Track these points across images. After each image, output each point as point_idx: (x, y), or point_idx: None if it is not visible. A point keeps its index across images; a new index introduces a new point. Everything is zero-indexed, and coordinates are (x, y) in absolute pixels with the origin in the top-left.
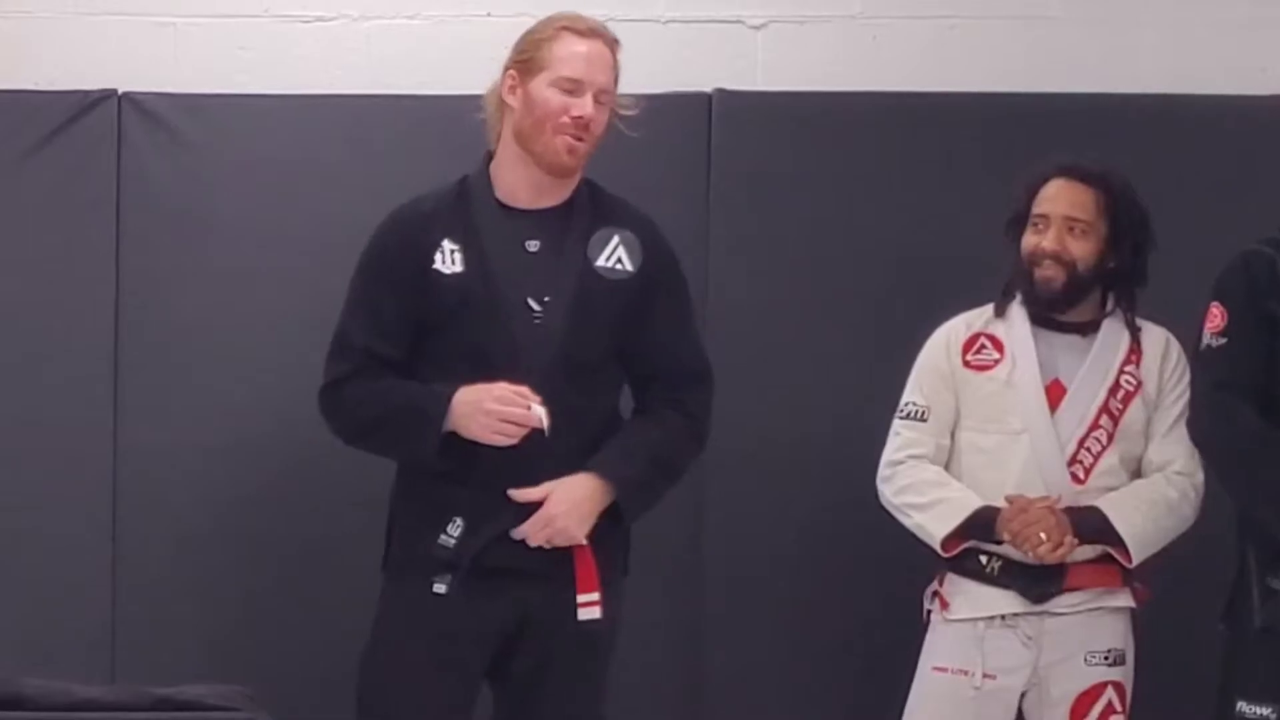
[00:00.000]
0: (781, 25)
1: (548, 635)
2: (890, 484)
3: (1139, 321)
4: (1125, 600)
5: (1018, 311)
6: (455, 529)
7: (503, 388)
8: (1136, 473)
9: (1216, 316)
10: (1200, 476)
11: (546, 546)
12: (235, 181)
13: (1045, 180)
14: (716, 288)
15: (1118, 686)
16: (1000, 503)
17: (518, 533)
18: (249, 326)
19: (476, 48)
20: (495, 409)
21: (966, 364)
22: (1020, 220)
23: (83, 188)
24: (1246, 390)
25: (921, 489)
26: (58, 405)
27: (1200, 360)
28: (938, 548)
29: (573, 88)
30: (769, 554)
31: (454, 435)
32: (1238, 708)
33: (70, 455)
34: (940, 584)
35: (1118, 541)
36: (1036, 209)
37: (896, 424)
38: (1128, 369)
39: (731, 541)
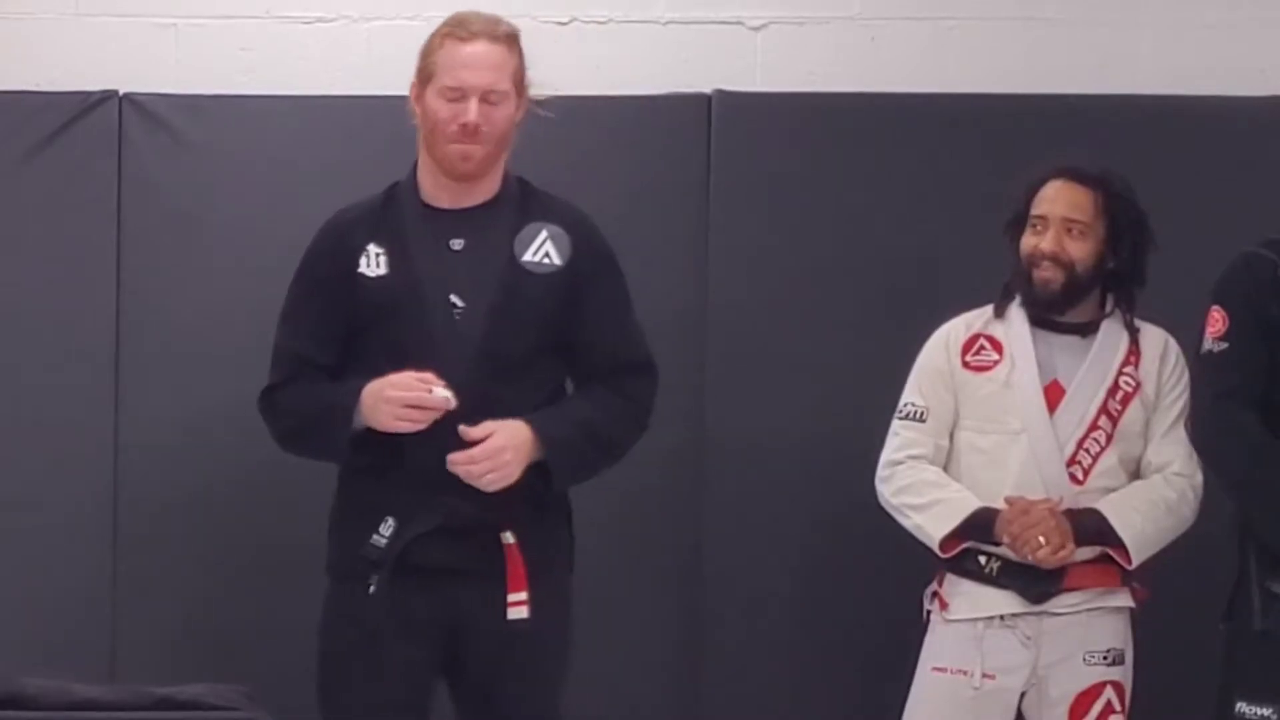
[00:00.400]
0: (781, 26)
1: (489, 635)
2: (889, 484)
3: (1138, 323)
4: (1124, 600)
5: (1017, 312)
6: (387, 529)
7: (403, 375)
8: (1135, 473)
9: (1217, 320)
10: (1199, 478)
11: (483, 486)
12: (236, 182)
13: (1044, 181)
14: (716, 287)
15: (1117, 686)
16: (999, 504)
17: (456, 459)
18: (249, 326)
19: None
20: (395, 395)
21: (966, 365)
22: (1019, 221)
23: (84, 188)
24: (1249, 396)
25: (920, 489)
26: (59, 404)
27: (1201, 365)
28: (936, 548)
29: (456, 95)
30: (769, 554)
31: (374, 431)
32: (1237, 708)
33: (71, 454)
34: (939, 584)
35: (1117, 543)
36: (1035, 210)
37: (895, 424)
38: (1126, 370)
39: (731, 542)
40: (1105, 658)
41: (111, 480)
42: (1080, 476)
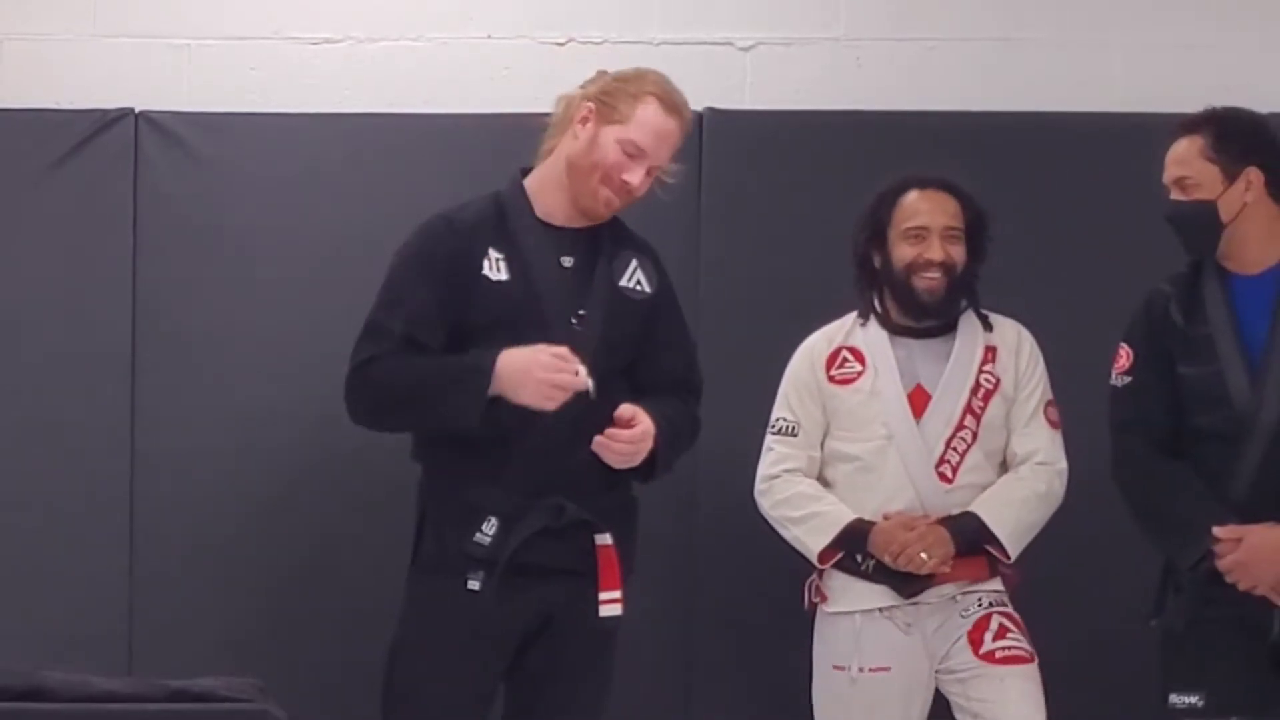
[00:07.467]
0: (769, 47)
1: (568, 632)
2: (767, 497)
3: (990, 316)
4: (995, 587)
5: (874, 322)
6: (490, 528)
7: (548, 353)
8: (1001, 463)
9: (1123, 357)
10: (1063, 464)
11: (616, 463)
12: (247, 195)
13: (900, 194)
14: (706, 302)
15: (1004, 614)
16: (872, 512)
17: (615, 433)
18: (260, 335)
19: (477, 68)
20: (544, 376)
21: (831, 379)
22: (877, 235)
23: (101, 202)
24: (1149, 428)
25: (797, 502)
26: (76, 411)
27: (1110, 400)
28: (814, 560)
29: (635, 153)
30: (760, 560)
31: (493, 403)
32: (1170, 700)
33: (89, 458)
34: (819, 577)
35: (994, 541)
36: (910, 222)
37: (769, 439)
38: (986, 368)
39: (723, 548)
40: (980, 603)
41: (128, 482)
42: (949, 475)
